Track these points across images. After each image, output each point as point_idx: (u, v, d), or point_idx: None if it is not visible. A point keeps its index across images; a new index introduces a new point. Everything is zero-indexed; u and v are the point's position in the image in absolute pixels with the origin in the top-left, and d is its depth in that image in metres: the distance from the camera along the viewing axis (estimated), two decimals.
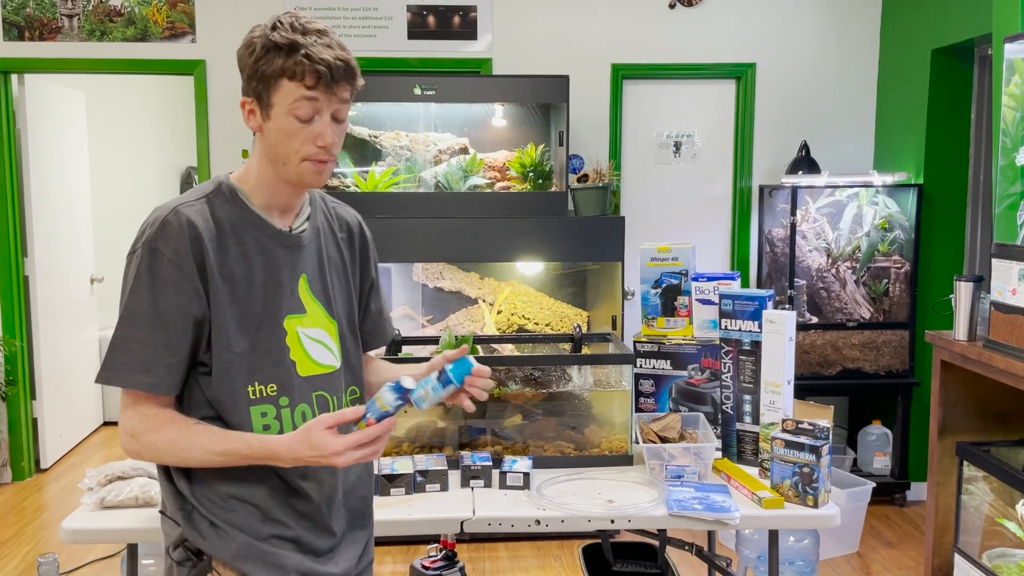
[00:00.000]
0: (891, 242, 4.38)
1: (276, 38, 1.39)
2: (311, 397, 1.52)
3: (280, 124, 1.41)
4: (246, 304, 1.45)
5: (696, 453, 2.26)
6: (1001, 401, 3.14)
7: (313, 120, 1.41)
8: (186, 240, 1.40)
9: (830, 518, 2.08)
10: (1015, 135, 2.90)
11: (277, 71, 1.38)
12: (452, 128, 4.09)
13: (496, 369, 2.47)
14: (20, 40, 4.40)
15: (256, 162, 1.49)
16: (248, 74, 1.42)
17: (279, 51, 1.38)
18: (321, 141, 1.42)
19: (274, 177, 1.47)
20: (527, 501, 2.13)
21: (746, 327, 2.34)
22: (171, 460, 1.44)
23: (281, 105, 1.40)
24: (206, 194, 1.47)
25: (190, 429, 1.43)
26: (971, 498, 3.06)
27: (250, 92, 1.43)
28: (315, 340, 1.53)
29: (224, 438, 1.43)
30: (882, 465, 4.38)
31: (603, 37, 4.56)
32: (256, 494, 1.47)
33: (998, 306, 2.80)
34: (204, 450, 1.42)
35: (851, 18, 4.65)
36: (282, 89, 1.39)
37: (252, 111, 1.44)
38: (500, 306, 3.98)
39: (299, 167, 1.43)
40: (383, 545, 3.89)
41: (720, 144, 4.72)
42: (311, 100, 1.40)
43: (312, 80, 1.39)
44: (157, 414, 1.43)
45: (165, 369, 1.40)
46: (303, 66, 1.38)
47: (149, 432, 1.41)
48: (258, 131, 1.45)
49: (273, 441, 1.42)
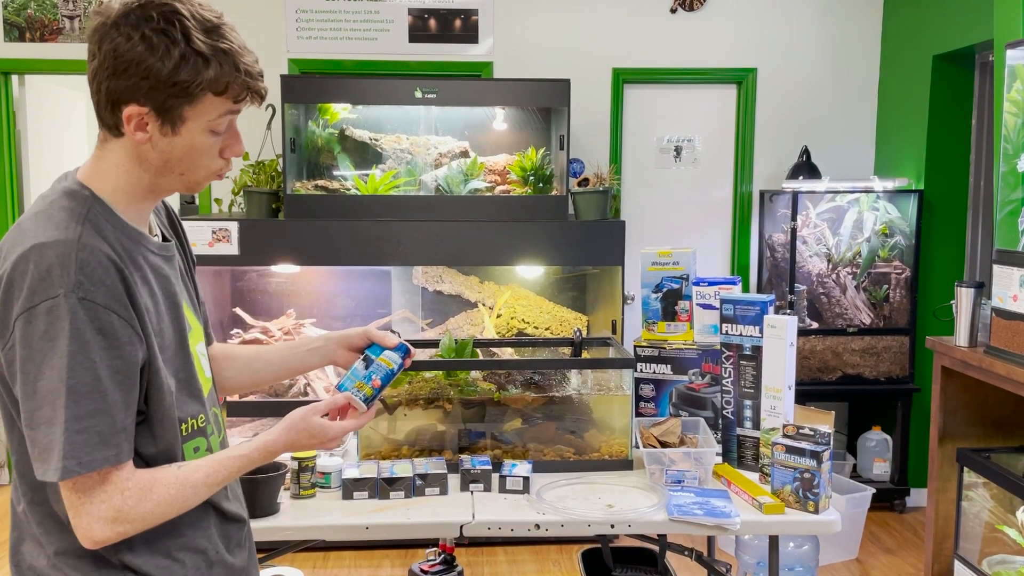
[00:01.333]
0: (891, 248, 4.38)
1: (201, 47, 1.17)
2: (211, 416, 1.38)
3: (193, 140, 1.23)
4: (161, 336, 1.26)
5: (696, 458, 2.25)
6: (1002, 407, 3.14)
7: (224, 133, 1.26)
8: (114, 278, 1.17)
9: (831, 524, 2.07)
10: (1016, 141, 2.90)
11: (204, 85, 1.19)
12: (453, 131, 4.09)
13: (496, 373, 2.47)
14: (21, 41, 4.40)
15: (124, 168, 1.24)
16: (151, 84, 1.17)
17: (207, 63, 1.18)
18: (231, 153, 1.28)
19: (153, 186, 1.27)
20: (527, 505, 2.12)
21: (747, 332, 2.33)
22: (167, 519, 1.26)
23: (199, 120, 1.22)
24: (84, 215, 1.20)
25: (177, 477, 1.25)
26: (971, 504, 3.05)
27: (144, 101, 1.18)
28: (202, 355, 1.38)
29: (221, 466, 1.29)
30: (882, 471, 4.37)
31: (604, 41, 4.56)
32: (202, 537, 1.33)
33: (999, 312, 2.80)
34: (207, 487, 1.27)
35: (852, 24, 4.66)
36: (204, 103, 1.21)
37: (142, 122, 1.20)
38: (500, 310, 3.97)
39: (201, 180, 1.28)
40: (381, 549, 3.89)
41: (721, 149, 4.72)
42: (233, 113, 1.25)
43: (244, 95, 1.24)
44: (131, 479, 1.20)
45: (123, 435, 1.18)
46: (237, 82, 1.21)
47: (138, 504, 1.20)
48: (141, 143, 1.22)
49: (269, 441, 1.35)
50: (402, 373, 2.42)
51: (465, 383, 2.44)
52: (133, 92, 1.18)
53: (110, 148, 1.25)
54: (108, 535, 1.19)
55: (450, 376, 2.44)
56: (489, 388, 2.43)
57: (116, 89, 1.18)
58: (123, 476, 1.19)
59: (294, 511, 2.08)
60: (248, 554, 1.45)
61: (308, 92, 3.80)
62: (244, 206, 3.83)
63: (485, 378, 2.46)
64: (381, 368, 1.51)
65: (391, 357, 1.52)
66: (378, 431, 2.40)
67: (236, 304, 4.00)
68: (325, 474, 2.19)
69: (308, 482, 2.15)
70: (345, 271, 4.08)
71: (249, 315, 3.92)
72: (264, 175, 3.83)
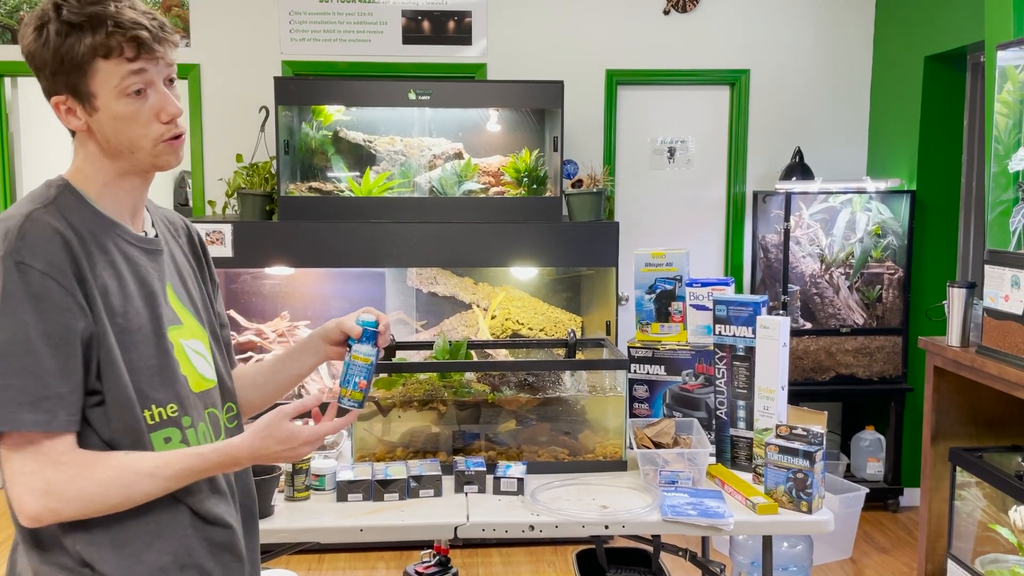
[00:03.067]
0: (884, 248, 4.40)
1: (70, 17, 1.19)
2: (204, 415, 1.36)
3: (113, 111, 1.23)
4: (125, 318, 1.25)
5: (690, 459, 2.26)
6: (994, 407, 3.15)
7: (147, 95, 1.25)
8: (57, 248, 1.19)
9: (824, 524, 2.08)
10: (1008, 142, 2.91)
11: (87, 53, 1.20)
12: (447, 133, 4.09)
13: (490, 374, 2.47)
14: (14, 44, 4.39)
15: (91, 162, 1.29)
16: (51, 70, 1.22)
17: (80, 30, 1.19)
18: (166, 115, 1.26)
19: (120, 172, 1.29)
20: (521, 507, 2.12)
21: (740, 333, 2.34)
22: (107, 507, 1.20)
23: (105, 90, 1.22)
24: (51, 200, 1.25)
25: (121, 461, 1.21)
26: (964, 504, 3.06)
27: (60, 89, 1.23)
28: (197, 352, 1.37)
29: (172, 459, 1.24)
30: (875, 471, 4.39)
31: (598, 43, 4.57)
32: (173, 538, 1.28)
33: (991, 312, 2.81)
34: (152, 478, 1.21)
35: (844, 25, 4.67)
36: (100, 72, 1.21)
37: (70, 109, 1.24)
38: (494, 311, 3.98)
39: (153, 151, 1.27)
40: (376, 551, 3.89)
41: (714, 150, 4.74)
42: (139, 73, 1.23)
43: (133, 51, 1.22)
44: (67, 454, 1.17)
45: (57, 401, 1.16)
46: (116, 38, 1.20)
47: (72, 482, 1.17)
48: (83, 130, 1.26)
49: (232, 445, 1.29)
50: (396, 375, 2.43)
51: (459, 385, 2.44)
52: (49, 86, 1.25)
53: (77, 149, 1.31)
54: (39, 510, 1.17)
55: (444, 378, 2.45)
56: (483, 389, 2.44)
57: (44, 88, 1.26)
58: (58, 448, 1.17)
59: (288, 513, 2.08)
60: (240, 563, 1.38)
61: (302, 94, 3.80)
62: (238, 208, 3.83)
63: (479, 379, 2.46)
64: (358, 366, 1.49)
65: (364, 352, 1.49)
66: (372, 433, 2.41)
67: (230, 306, 3.99)
68: (319, 476, 2.19)
69: (302, 484, 2.15)
70: (339, 273, 4.08)
71: (243, 317, 3.92)
72: (258, 177, 3.83)
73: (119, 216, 1.31)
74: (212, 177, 4.46)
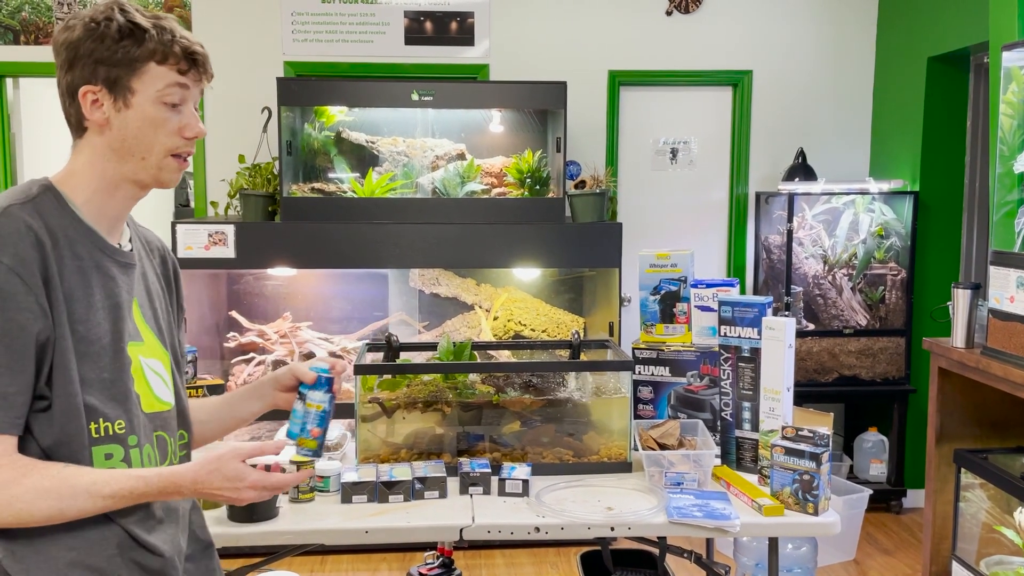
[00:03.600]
0: (887, 249, 4.39)
1: (138, 19, 1.27)
2: (152, 437, 1.34)
3: (145, 112, 1.28)
4: (86, 326, 1.25)
5: (695, 460, 2.25)
6: (998, 408, 3.15)
7: (179, 110, 1.32)
8: (28, 246, 1.19)
9: (830, 526, 2.07)
10: (1012, 143, 2.91)
11: (144, 54, 1.27)
12: (449, 134, 4.09)
13: (495, 376, 2.46)
14: (15, 44, 4.39)
15: (91, 163, 1.30)
16: (96, 59, 1.26)
17: (144, 32, 1.27)
18: (190, 132, 1.32)
19: (119, 178, 1.31)
20: (526, 508, 2.12)
21: (745, 334, 2.33)
22: (37, 519, 1.18)
23: (147, 91, 1.28)
24: (31, 197, 1.25)
25: (60, 472, 1.19)
26: (968, 505, 3.06)
27: (96, 79, 1.27)
28: (155, 372, 1.36)
29: (112, 478, 1.22)
30: (878, 472, 4.38)
31: (600, 44, 4.57)
32: (98, 556, 1.25)
33: (996, 313, 2.80)
34: (89, 496, 1.19)
35: (847, 26, 4.67)
36: (149, 73, 1.28)
37: (97, 101, 1.28)
38: (496, 312, 3.97)
39: (161, 162, 1.31)
40: (379, 552, 3.88)
41: (717, 151, 4.73)
42: (182, 87, 1.31)
43: (186, 65, 1.30)
44: (11, 461, 1.16)
45: (1, 401, 1.16)
46: (176, 48, 1.29)
47: (5, 486, 1.15)
48: (103, 125, 1.29)
49: (176, 472, 1.28)
50: (400, 376, 2.43)
51: (463, 386, 2.43)
52: (84, 74, 1.27)
53: (78, 150, 1.32)
54: None
55: (448, 379, 2.44)
56: (488, 391, 2.43)
57: (72, 80, 1.28)
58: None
59: (293, 515, 2.07)
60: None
61: (304, 95, 3.79)
62: (240, 209, 3.82)
63: (483, 381, 2.46)
64: (312, 413, 1.48)
65: (317, 399, 1.48)
66: (376, 434, 2.40)
67: (232, 307, 3.99)
68: (324, 478, 2.18)
69: (307, 486, 2.14)
70: (342, 274, 4.08)
71: (245, 318, 3.91)
72: (260, 178, 3.83)
73: (98, 225, 1.31)
74: (214, 178, 4.45)
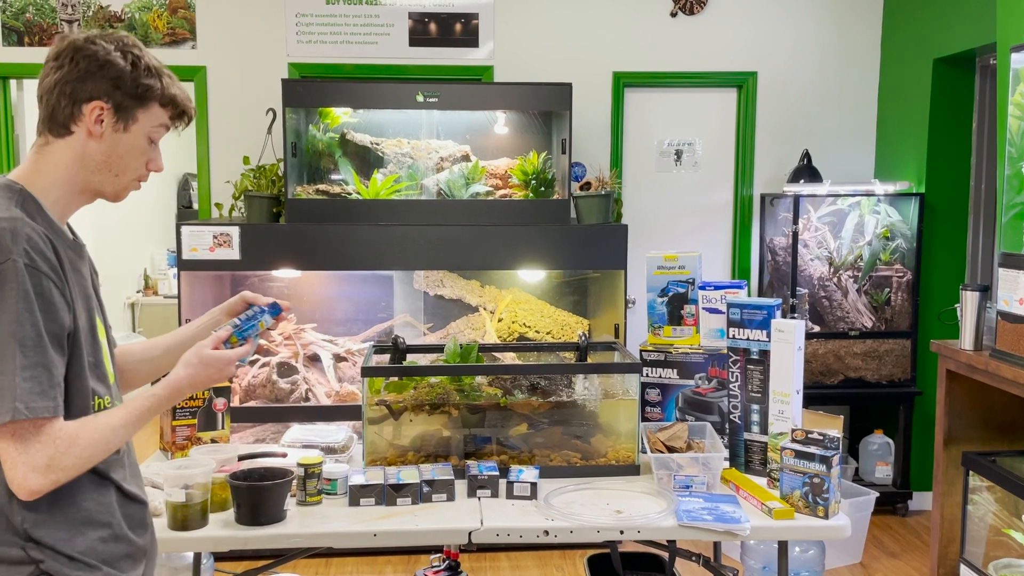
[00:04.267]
0: (893, 251, 4.38)
1: (154, 64, 1.49)
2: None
3: (135, 141, 1.48)
4: (76, 315, 1.41)
5: (704, 463, 2.24)
6: (1007, 411, 3.13)
7: (154, 146, 1.53)
8: (51, 253, 1.37)
9: (840, 529, 2.06)
10: (1021, 144, 2.90)
11: (156, 94, 1.48)
12: (454, 135, 4.08)
13: (502, 378, 2.45)
14: (20, 46, 4.38)
15: (65, 166, 1.45)
16: (119, 84, 1.44)
17: (159, 77, 1.49)
18: (154, 166, 1.54)
19: (85, 185, 1.48)
20: (535, 511, 2.11)
21: (754, 336, 2.32)
22: (95, 463, 1.41)
23: (144, 124, 1.48)
24: (19, 204, 1.40)
25: (97, 422, 1.40)
26: (976, 508, 3.04)
27: (110, 99, 1.44)
28: (110, 351, 1.56)
29: (133, 407, 1.45)
30: (884, 475, 4.37)
31: (605, 45, 4.56)
32: (104, 513, 1.45)
33: (1005, 315, 2.79)
34: (124, 426, 1.42)
35: (852, 27, 4.66)
36: (152, 111, 1.49)
37: (100, 118, 1.44)
38: (501, 314, 3.96)
39: (128, 184, 1.52)
40: (384, 555, 3.87)
41: (721, 152, 4.72)
42: (165, 128, 1.53)
43: (175, 114, 1.53)
44: (62, 431, 1.36)
45: (58, 390, 1.36)
46: (176, 100, 1.51)
47: (67, 452, 1.35)
48: (94, 136, 1.44)
49: (173, 379, 1.54)
50: (407, 378, 2.42)
51: (470, 388, 2.42)
52: (99, 90, 1.43)
53: (51, 150, 1.46)
54: (43, 483, 1.33)
55: (455, 381, 2.43)
56: (495, 393, 2.42)
57: (83, 89, 1.43)
58: (56, 427, 1.35)
59: (301, 518, 2.06)
60: (151, 536, 1.58)
61: (309, 96, 3.79)
62: (245, 210, 3.82)
63: (491, 383, 2.45)
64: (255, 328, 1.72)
65: (267, 320, 1.74)
66: (383, 437, 2.39)
67: None
68: (331, 480, 2.17)
69: (314, 489, 2.13)
70: (346, 275, 4.07)
71: None
72: (265, 179, 3.82)
73: (61, 223, 1.48)
74: (219, 179, 4.45)
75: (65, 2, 4.37)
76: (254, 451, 2.28)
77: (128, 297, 6.85)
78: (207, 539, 1.99)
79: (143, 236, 7.11)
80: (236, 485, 2.01)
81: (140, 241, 7.06)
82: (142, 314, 6.99)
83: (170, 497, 1.96)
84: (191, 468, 1.98)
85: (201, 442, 2.41)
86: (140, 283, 7.10)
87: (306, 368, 3.77)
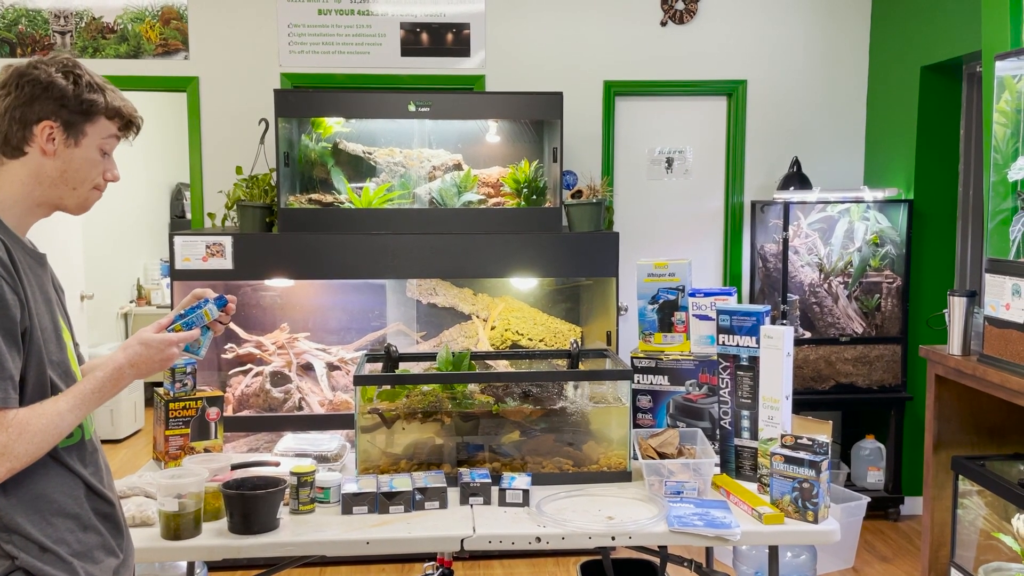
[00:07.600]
0: (882, 257, 4.41)
1: (96, 80, 1.58)
2: None
3: (87, 154, 1.57)
4: (40, 318, 1.49)
5: (695, 469, 2.25)
6: (995, 415, 3.16)
7: (106, 157, 1.61)
8: (3, 253, 1.44)
9: (830, 533, 2.08)
10: (1006, 151, 2.93)
11: (100, 108, 1.57)
12: (446, 144, 4.10)
13: (494, 385, 2.47)
14: (12, 57, 4.39)
15: (22, 183, 1.54)
16: (64, 102, 1.53)
17: (101, 91, 1.58)
18: (110, 175, 1.62)
19: (43, 199, 1.56)
20: (527, 518, 2.12)
21: (744, 342, 2.34)
22: (47, 449, 1.46)
23: (93, 137, 1.57)
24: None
25: (44, 408, 1.45)
26: (966, 512, 3.06)
27: (58, 118, 1.53)
28: (72, 351, 1.62)
29: (77, 391, 1.50)
30: (875, 479, 4.39)
31: (595, 54, 4.59)
32: (73, 505, 1.52)
33: (992, 321, 2.82)
34: (71, 411, 1.47)
35: (841, 35, 4.70)
36: (99, 124, 1.57)
37: (51, 137, 1.53)
38: (494, 322, 3.98)
39: (88, 194, 1.60)
40: (377, 563, 3.87)
41: (712, 160, 4.75)
42: (116, 139, 1.61)
43: (122, 124, 1.62)
44: (14, 419, 1.41)
45: (10, 382, 1.42)
46: (121, 111, 1.60)
47: (19, 439, 1.41)
48: (48, 154, 1.53)
49: (111, 363, 1.57)
50: (400, 387, 2.44)
51: (463, 396, 2.44)
52: (46, 111, 1.53)
53: (7, 170, 1.54)
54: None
55: (447, 389, 2.44)
56: (487, 401, 2.43)
57: (31, 112, 1.52)
58: (8, 417, 1.41)
59: (294, 526, 2.07)
60: (127, 542, 1.64)
61: (301, 106, 3.81)
62: (237, 220, 3.83)
63: (483, 391, 2.46)
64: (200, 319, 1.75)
65: (211, 310, 1.77)
66: (376, 445, 2.40)
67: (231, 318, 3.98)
68: (324, 489, 2.18)
69: (307, 497, 2.14)
70: (339, 284, 4.08)
71: (243, 329, 3.91)
72: (257, 189, 3.83)
73: (21, 233, 1.56)
74: (211, 189, 4.46)
75: (58, 14, 4.38)
76: (247, 460, 2.29)
77: (121, 307, 6.84)
78: (200, 548, 1.99)
79: (136, 246, 7.11)
80: (229, 494, 2.01)
81: (133, 251, 7.06)
82: (135, 324, 6.98)
83: (163, 506, 1.97)
84: (184, 477, 1.98)
85: (194, 451, 2.41)
86: (133, 293, 7.09)
87: (299, 377, 3.78)
